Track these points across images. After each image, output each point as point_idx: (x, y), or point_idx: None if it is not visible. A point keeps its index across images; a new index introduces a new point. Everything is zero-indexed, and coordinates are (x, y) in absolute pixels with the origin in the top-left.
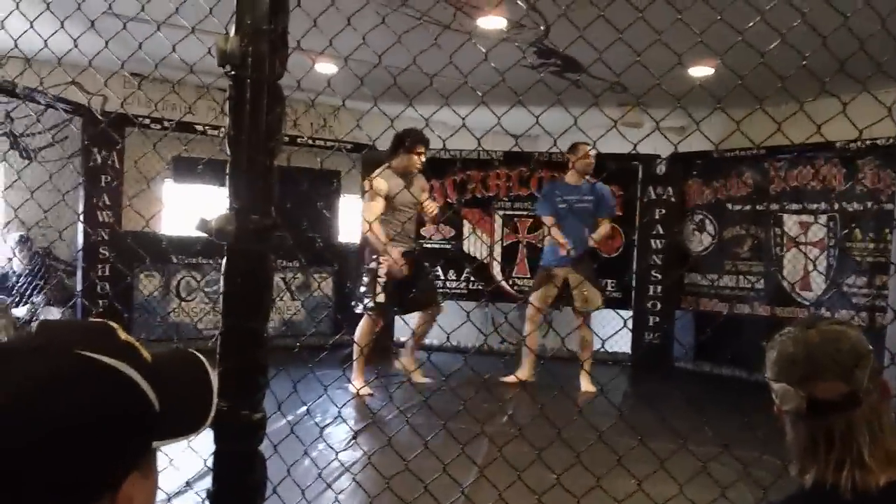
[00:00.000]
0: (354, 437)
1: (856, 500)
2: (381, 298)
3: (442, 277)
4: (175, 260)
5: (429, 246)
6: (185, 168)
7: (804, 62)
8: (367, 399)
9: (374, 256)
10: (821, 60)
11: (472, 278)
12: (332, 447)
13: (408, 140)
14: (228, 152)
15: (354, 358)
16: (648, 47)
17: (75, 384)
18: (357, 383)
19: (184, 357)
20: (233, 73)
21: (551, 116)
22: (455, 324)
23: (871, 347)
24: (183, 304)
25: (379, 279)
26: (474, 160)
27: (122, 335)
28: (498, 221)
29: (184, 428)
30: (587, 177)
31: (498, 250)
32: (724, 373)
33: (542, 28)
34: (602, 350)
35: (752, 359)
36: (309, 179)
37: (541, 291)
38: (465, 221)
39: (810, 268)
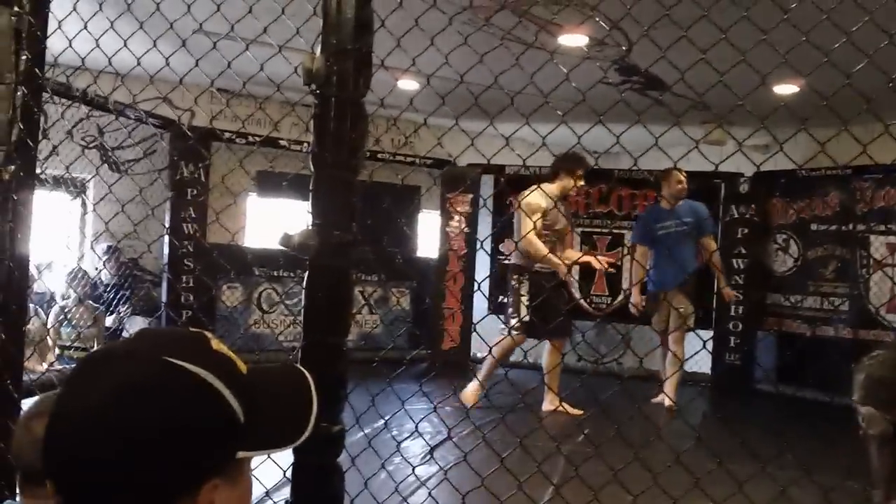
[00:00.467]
0: (431, 453)
1: None
2: (526, 318)
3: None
4: (257, 273)
5: (507, 263)
6: (269, 183)
7: (891, 83)
8: (444, 414)
9: (516, 276)
10: None
11: None
12: (408, 461)
13: (571, 163)
14: (312, 169)
15: (484, 369)
16: (732, 68)
17: (157, 390)
18: (471, 391)
19: (287, 372)
20: (318, 91)
21: (632, 134)
22: (532, 342)
23: None
24: (264, 315)
25: (522, 298)
26: None
27: (215, 345)
28: (576, 239)
29: (275, 441)
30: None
31: (576, 268)
32: (807, 396)
33: (623, 47)
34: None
35: (835, 382)
36: (389, 195)
37: (657, 317)
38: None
39: None
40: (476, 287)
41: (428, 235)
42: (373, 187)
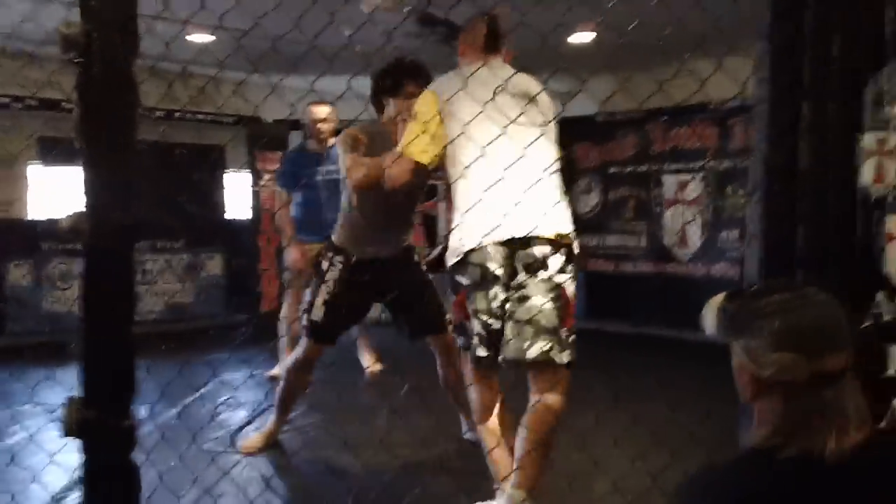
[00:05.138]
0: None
1: (839, 466)
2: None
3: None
4: (46, 247)
5: None
6: (53, 149)
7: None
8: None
9: None
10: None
11: None
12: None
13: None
14: (79, 145)
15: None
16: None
17: None
18: None
19: None
20: (79, 60)
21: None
22: None
23: None
24: (58, 292)
25: None
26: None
27: None
28: None
29: None
30: (331, 140)
31: None
32: (609, 329)
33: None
34: None
35: (638, 313)
36: (189, 155)
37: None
38: None
39: (687, 225)
40: None
41: (237, 196)
42: (169, 148)
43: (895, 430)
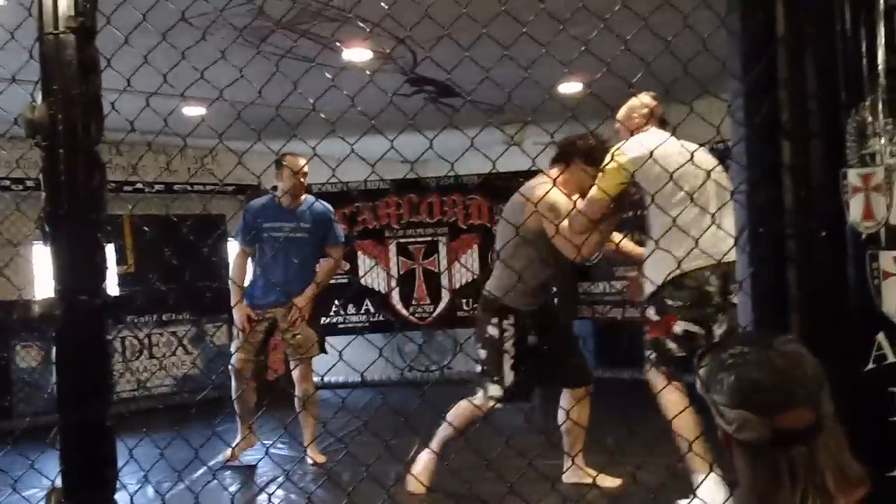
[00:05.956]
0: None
1: None
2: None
3: (343, 312)
4: None
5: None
6: None
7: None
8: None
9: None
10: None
11: (373, 310)
12: None
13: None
14: (46, 229)
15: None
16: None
17: None
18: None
19: None
20: (44, 143)
21: (437, 141)
22: (363, 357)
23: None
24: None
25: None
26: (363, 191)
27: None
28: (392, 250)
29: None
30: (303, 197)
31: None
32: (624, 376)
33: (410, 57)
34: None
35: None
36: (191, 226)
37: (251, 342)
38: (359, 254)
39: None
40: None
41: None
42: (171, 220)
43: None
